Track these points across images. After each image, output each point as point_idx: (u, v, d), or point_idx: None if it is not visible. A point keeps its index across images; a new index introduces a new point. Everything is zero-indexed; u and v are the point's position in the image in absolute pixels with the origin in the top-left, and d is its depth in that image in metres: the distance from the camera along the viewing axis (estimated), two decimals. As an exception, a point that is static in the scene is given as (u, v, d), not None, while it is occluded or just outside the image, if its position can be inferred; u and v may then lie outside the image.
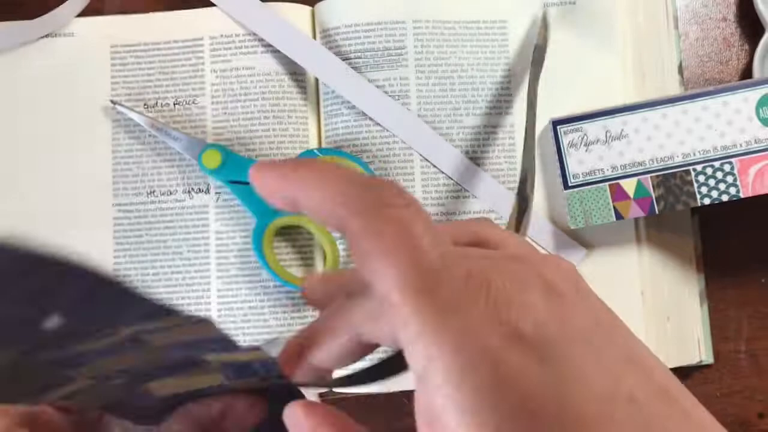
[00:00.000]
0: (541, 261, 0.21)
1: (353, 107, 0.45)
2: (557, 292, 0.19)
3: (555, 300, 0.19)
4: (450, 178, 0.45)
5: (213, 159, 0.45)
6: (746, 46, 0.49)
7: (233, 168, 0.45)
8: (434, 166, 0.45)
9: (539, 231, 0.45)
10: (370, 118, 0.45)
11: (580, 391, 0.18)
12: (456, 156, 0.45)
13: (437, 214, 0.45)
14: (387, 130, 0.45)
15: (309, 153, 0.46)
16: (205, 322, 0.20)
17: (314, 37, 0.47)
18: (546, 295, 0.19)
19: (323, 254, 0.45)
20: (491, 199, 0.45)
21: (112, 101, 0.46)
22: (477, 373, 0.17)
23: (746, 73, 0.48)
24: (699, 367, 0.46)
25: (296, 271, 0.45)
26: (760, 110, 0.41)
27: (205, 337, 0.20)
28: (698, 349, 0.46)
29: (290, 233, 0.45)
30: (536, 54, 0.45)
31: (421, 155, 0.45)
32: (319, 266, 0.45)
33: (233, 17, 0.47)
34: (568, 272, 0.21)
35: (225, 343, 0.21)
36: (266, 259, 0.44)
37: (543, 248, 0.45)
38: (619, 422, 0.18)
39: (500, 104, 0.46)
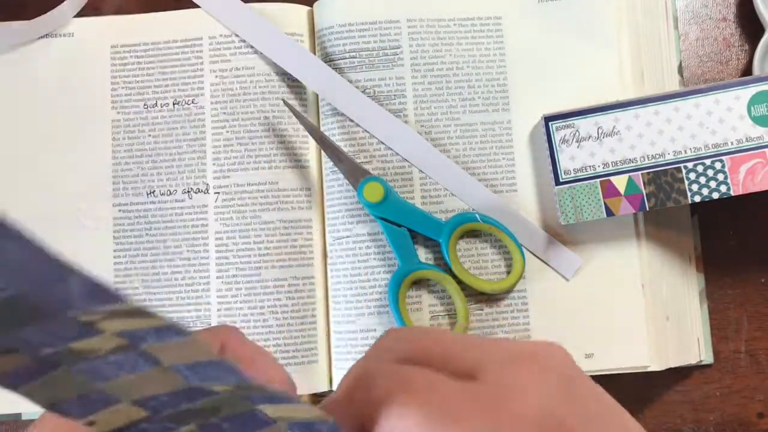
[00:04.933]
0: (537, 358, 0.22)
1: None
2: (574, 383, 0.21)
3: (574, 391, 0.21)
4: (442, 186, 0.45)
5: (375, 192, 0.44)
6: (746, 47, 0.49)
7: (391, 206, 0.44)
8: (422, 172, 0.45)
9: (533, 239, 0.45)
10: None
11: None
12: (445, 162, 0.45)
13: (436, 212, 0.45)
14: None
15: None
16: (186, 334, 0.18)
17: (312, 37, 0.47)
18: (567, 389, 0.21)
19: (454, 311, 0.44)
20: (481, 205, 0.45)
21: (283, 101, 0.46)
22: None
23: (746, 73, 0.48)
24: (699, 367, 0.46)
25: (418, 318, 0.44)
26: (752, 108, 0.41)
27: (204, 359, 0.18)
28: (698, 349, 0.45)
29: (424, 285, 0.45)
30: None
31: (407, 160, 0.45)
32: (444, 322, 0.44)
33: (218, 19, 0.47)
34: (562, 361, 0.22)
35: (237, 376, 0.19)
36: (398, 305, 0.43)
37: (538, 257, 0.45)
38: None
39: (496, 101, 0.46)
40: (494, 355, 0.22)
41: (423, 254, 0.45)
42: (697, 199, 0.42)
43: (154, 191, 0.46)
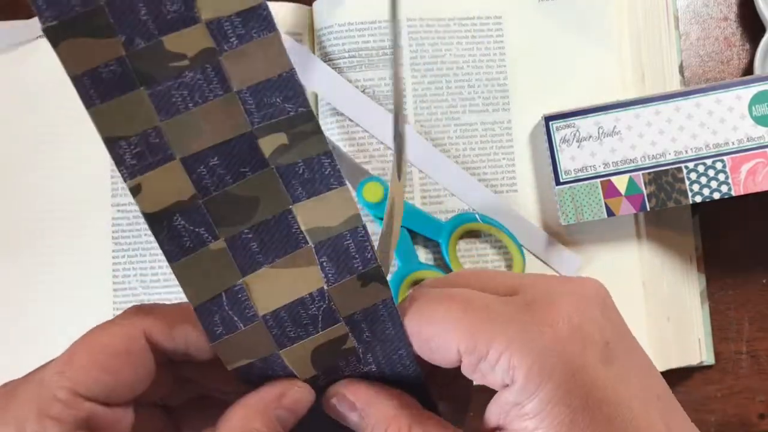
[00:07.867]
0: (577, 283, 0.24)
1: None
2: (608, 306, 0.23)
3: (608, 313, 0.23)
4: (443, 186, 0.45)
5: (374, 192, 0.43)
6: (747, 46, 0.48)
7: None
8: (422, 172, 0.45)
9: (533, 239, 0.44)
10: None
11: (628, 389, 0.22)
12: (445, 162, 0.45)
13: (436, 212, 0.45)
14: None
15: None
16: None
17: (312, 36, 0.47)
18: (602, 309, 0.23)
19: None
20: (481, 205, 0.45)
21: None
22: (554, 372, 0.21)
23: (747, 72, 0.48)
24: (700, 368, 0.46)
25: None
26: (753, 108, 0.41)
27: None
28: (699, 350, 0.45)
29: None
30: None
31: (407, 160, 0.45)
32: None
33: None
34: (600, 289, 0.24)
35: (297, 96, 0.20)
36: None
37: (538, 257, 0.45)
38: (654, 413, 0.22)
39: (496, 101, 0.46)
40: (534, 279, 0.24)
41: (423, 254, 0.45)
42: (698, 199, 0.42)
43: (154, 191, 0.46)
